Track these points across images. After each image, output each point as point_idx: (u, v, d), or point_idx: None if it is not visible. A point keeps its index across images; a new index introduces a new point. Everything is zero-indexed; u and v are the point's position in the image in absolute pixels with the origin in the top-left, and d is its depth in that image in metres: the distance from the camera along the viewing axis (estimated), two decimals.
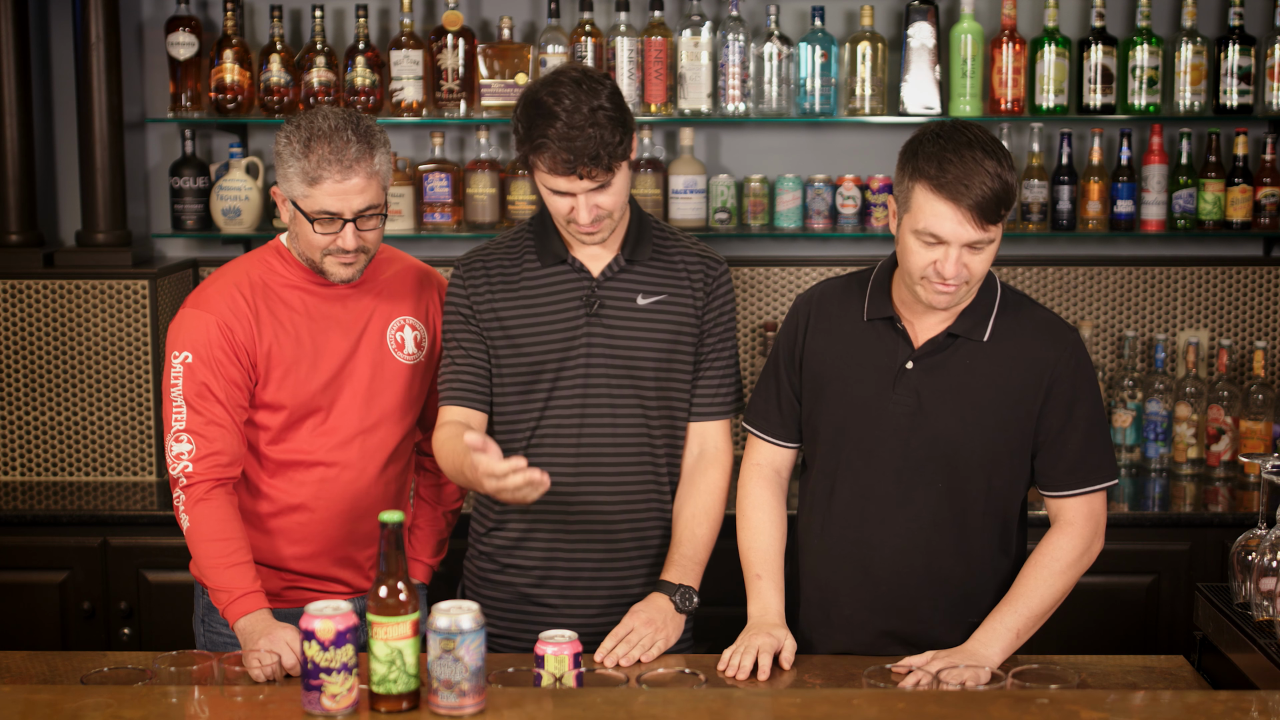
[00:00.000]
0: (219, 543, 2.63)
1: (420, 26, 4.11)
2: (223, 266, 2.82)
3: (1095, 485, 2.58)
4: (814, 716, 2.11)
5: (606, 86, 2.59)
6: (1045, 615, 2.55)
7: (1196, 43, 4.00)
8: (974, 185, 2.39)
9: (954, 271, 2.44)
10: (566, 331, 2.69)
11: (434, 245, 4.17)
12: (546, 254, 2.72)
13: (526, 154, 2.60)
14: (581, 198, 2.59)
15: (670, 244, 2.78)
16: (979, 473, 2.56)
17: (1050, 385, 2.54)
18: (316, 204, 2.64)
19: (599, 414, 2.70)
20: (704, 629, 2.88)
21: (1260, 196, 4.03)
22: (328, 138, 2.63)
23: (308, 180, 2.63)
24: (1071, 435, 2.56)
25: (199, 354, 2.69)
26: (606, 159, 2.55)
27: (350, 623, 2.09)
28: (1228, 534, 3.54)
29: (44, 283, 3.89)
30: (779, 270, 4.15)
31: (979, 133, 2.46)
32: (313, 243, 2.69)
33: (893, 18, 4.13)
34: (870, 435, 2.59)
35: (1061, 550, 2.56)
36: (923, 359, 2.56)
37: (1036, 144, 4.06)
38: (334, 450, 2.77)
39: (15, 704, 2.15)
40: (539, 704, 2.14)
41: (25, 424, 3.93)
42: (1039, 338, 2.57)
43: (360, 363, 2.79)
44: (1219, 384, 3.97)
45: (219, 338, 2.69)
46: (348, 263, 2.71)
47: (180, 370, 2.69)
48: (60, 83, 4.13)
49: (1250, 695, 2.22)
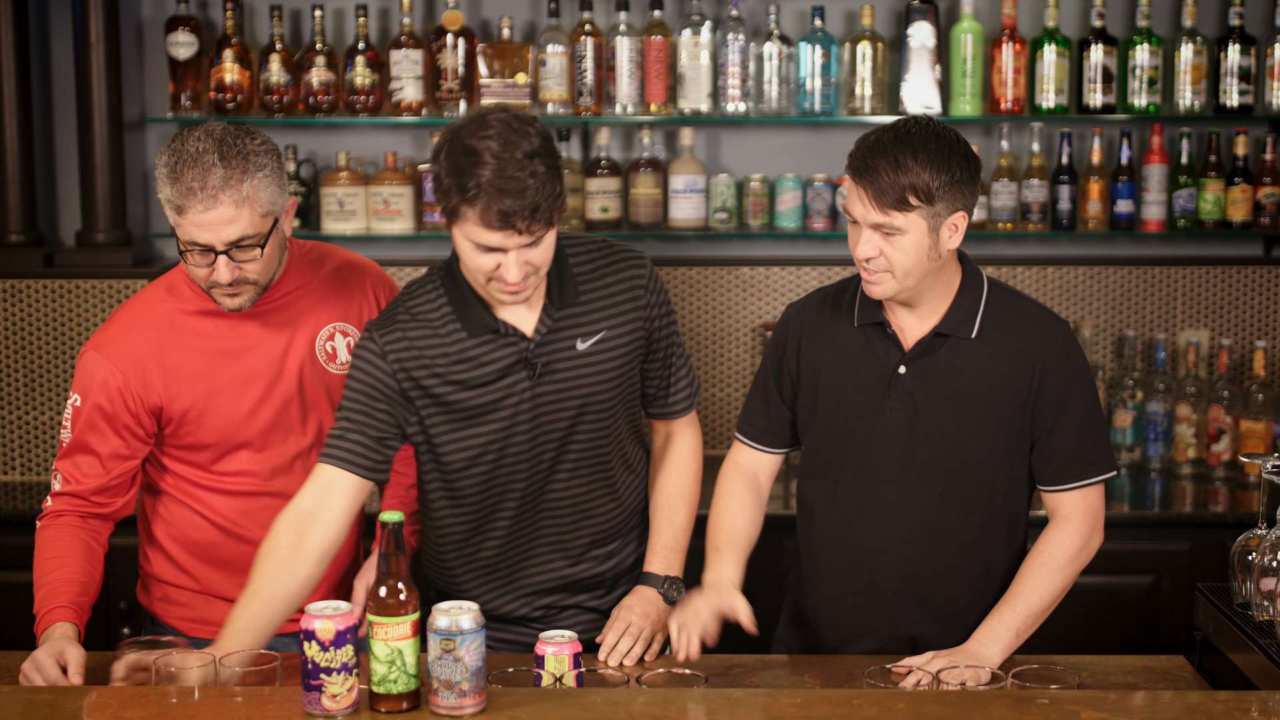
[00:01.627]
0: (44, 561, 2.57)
1: (420, 26, 4.11)
2: (133, 298, 2.66)
3: (1091, 479, 2.57)
4: (814, 716, 2.10)
5: (536, 129, 2.33)
6: (1045, 613, 2.54)
7: (1197, 42, 4.00)
8: (878, 169, 2.42)
9: (865, 253, 2.46)
10: (513, 401, 2.50)
11: (434, 245, 4.17)
12: (472, 323, 2.46)
13: (456, 204, 2.31)
14: (513, 254, 2.32)
15: (591, 268, 2.55)
16: (978, 472, 2.56)
17: (1042, 379, 2.53)
18: (186, 234, 2.45)
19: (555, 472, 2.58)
20: None
21: (1260, 196, 4.03)
22: (193, 162, 2.41)
23: (174, 209, 2.44)
24: (1066, 429, 2.55)
25: (90, 399, 2.55)
26: (547, 212, 2.30)
27: (350, 623, 2.08)
28: (1228, 534, 3.54)
29: (44, 283, 3.89)
30: (779, 270, 4.15)
31: (925, 127, 2.45)
32: (195, 275, 2.51)
33: (893, 17, 4.13)
34: (868, 442, 2.58)
35: (1059, 547, 2.54)
36: (914, 361, 2.55)
37: (1036, 144, 4.06)
38: (275, 477, 2.63)
39: (15, 704, 2.15)
40: (539, 704, 2.14)
41: (25, 424, 3.93)
42: (1028, 332, 2.56)
43: (288, 382, 2.61)
44: (1219, 384, 3.97)
45: (115, 390, 2.54)
46: (233, 294, 2.51)
47: (69, 412, 2.59)
48: (60, 83, 4.13)
49: (1250, 695, 2.22)
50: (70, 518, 2.59)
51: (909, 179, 2.40)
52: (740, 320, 4.16)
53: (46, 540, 2.60)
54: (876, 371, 2.57)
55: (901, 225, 2.43)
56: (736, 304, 4.16)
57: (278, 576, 2.40)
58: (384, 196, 4.04)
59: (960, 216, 2.46)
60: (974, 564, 2.59)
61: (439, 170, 2.34)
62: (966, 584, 2.59)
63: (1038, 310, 2.60)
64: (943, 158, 2.42)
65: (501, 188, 2.27)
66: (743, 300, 4.16)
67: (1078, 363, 2.56)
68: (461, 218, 2.32)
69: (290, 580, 2.41)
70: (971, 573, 2.59)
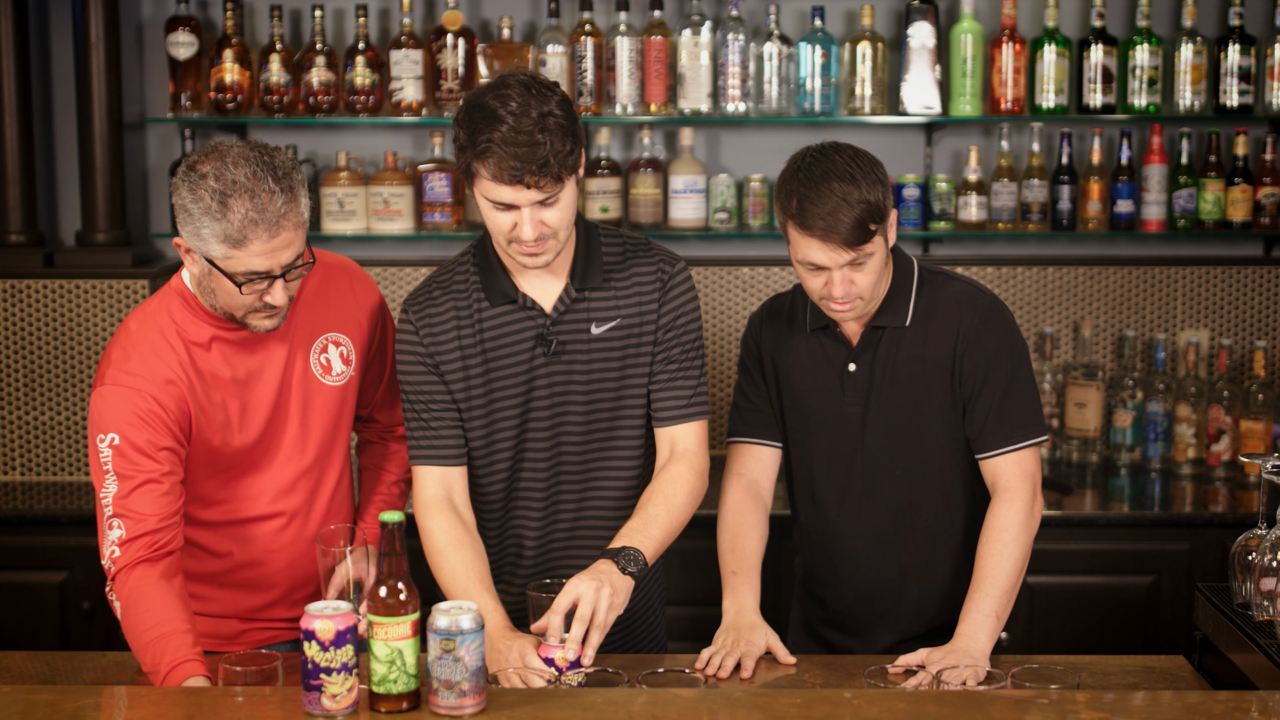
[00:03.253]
0: (138, 617, 2.37)
1: (420, 26, 4.11)
2: (131, 328, 2.52)
3: (1020, 443, 2.59)
4: (814, 716, 2.11)
5: (556, 94, 2.40)
6: (1015, 588, 2.57)
7: (1196, 42, 4.00)
8: (835, 219, 2.44)
9: (842, 291, 2.50)
10: (526, 373, 2.56)
11: (434, 245, 4.17)
12: (494, 293, 2.55)
13: (469, 161, 2.39)
14: (526, 211, 2.39)
15: (622, 258, 2.60)
16: (926, 452, 2.64)
17: (964, 351, 2.59)
18: (242, 265, 2.35)
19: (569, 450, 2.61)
20: (703, 629, 2.88)
21: (1260, 196, 4.03)
22: (249, 191, 2.31)
23: (230, 242, 2.33)
24: (990, 395, 2.59)
25: (128, 437, 2.41)
26: (556, 168, 2.36)
27: (350, 623, 2.08)
28: (1228, 534, 3.55)
29: (44, 283, 3.89)
30: (779, 270, 4.15)
31: (837, 158, 2.48)
32: (236, 303, 2.42)
33: (893, 18, 4.13)
34: (833, 439, 2.67)
35: (1008, 519, 2.57)
36: (859, 357, 2.64)
37: (1036, 144, 4.06)
38: (278, 500, 2.61)
39: (15, 704, 2.15)
40: (539, 704, 2.14)
41: (25, 424, 3.93)
42: (951, 310, 2.61)
43: (291, 402, 2.58)
44: (1219, 384, 3.97)
45: (152, 417, 2.43)
46: (273, 315, 2.45)
47: (109, 454, 2.41)
48: (60, 83, 4.13)
49: (1250, 695, 2.22)
50: (144, 566, 2.41)
51: (865, 213, 2.45)
52: (740, 320, 4.16)
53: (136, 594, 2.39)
54: (831, 371, 2.66)
55: (870, 249, 2.50)
56: (736, 304, 4.16)
57: (475, 559, 2.52)
58: (384, 196, 4.04)
59: (892, 213, 2.53)
60: (943, 540, 2.68)
61: (458, 131, 2.41)
62: (940, 560, 2.68)
63: (962, 288, 2.65)
64: (868, 169, 2.49)
65: (512, 140, 2.34)
66: (743, 300, 4.16)
67: (1000, 332, 2.60)
68: (477, 175, 2.40)
69: (483, 555, 2.55)
70: (943, 550, 2.68)
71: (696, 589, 2.74)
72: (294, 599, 2.68)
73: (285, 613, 2.68)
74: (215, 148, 2.38)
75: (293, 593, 2.68)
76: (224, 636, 2.65)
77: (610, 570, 2.44)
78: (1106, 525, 3.64)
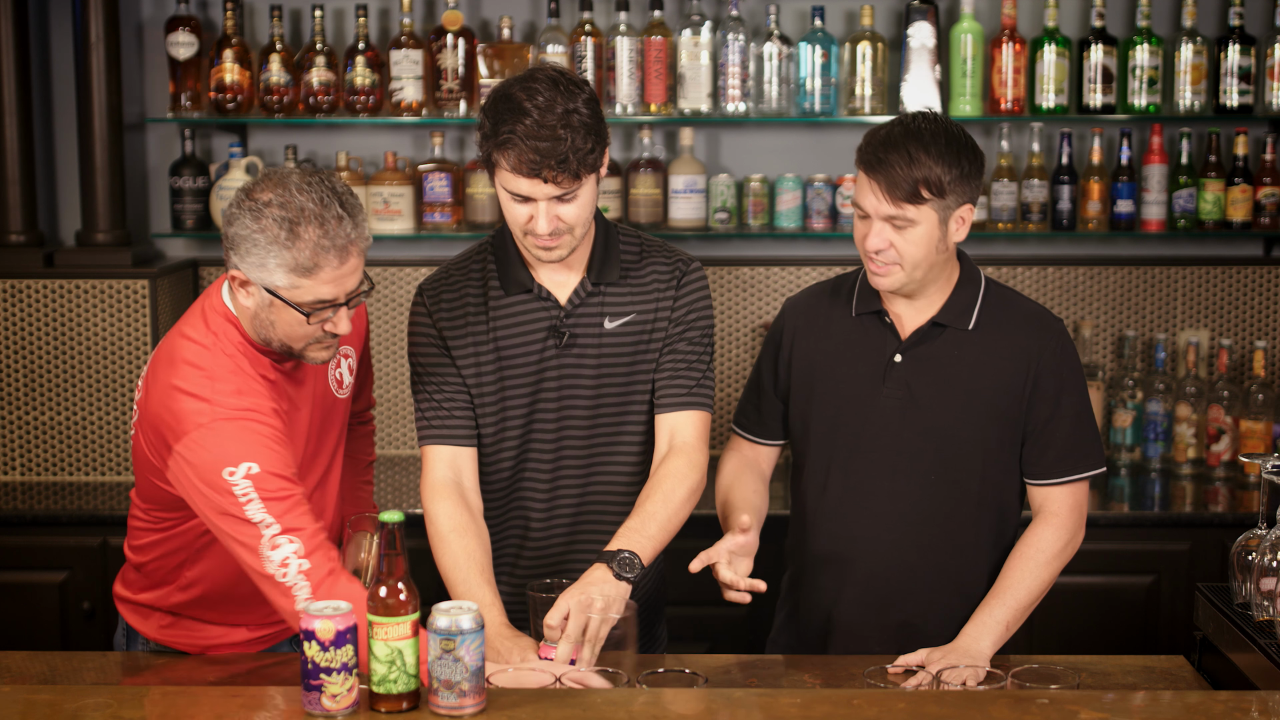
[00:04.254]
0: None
1: (420, 26, 4.11)
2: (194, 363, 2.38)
3: (1081, 474, 2.61)
4: (814, 716, 2.11)
5: (584, 91, 2.42)
6: (1031, 607, 2.57)
7: (1196, 42, 4.00)
8: (890, 162, 2.46)
9: (876, 245, 2.50)
10: (537, 363, 2.58)
11: (434, 245, 4.17)
12: (510, 282, 2.57)
13: (490, 151, 2.41)
14: (542, 205, 2.41)
15: (640, 257, 2.62)
16: (971, 463, 2.59)
17: (1038, 375, 2.58)
18: (310, 294, 2.29)
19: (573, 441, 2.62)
20: (703, 629, 2.88)
21: (1260, 196, 4.03)
22: (317, 218, 2.25)
23: (300, 271, 2.26)
24: (1059, 424, 2.59)
25: (263, 462, 2.29)
26: (575, 165, 2.38)
27: (350, 623, 2.08)
28: (1228, 534, 3.54)
29: (44, 283, 3.89)
30: (779, 270, 4.15)
31: (934, 122, 2.50)
32: (297, 334, 2.35)
33: (893, 17, 4.13)
34: (862, 430, 2.61)
35: (1046, 541, 2.58)
36: (910, 350, 2.60)
37: (1036, 144, 4.06)
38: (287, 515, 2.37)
39: (15, 704, 2.15)
40: (539, 704, 2.14)
41: (25, 424, 3.93)
42: (1025, 328, 2.60)
43: (321, 426, 2.55)
44: (1219, 384, 3.97)
45: (270, 435, 2.33)
46: (332, 345, 2.40)
47: (247, 484, 2.27)
48: (60, 83, 4.13)
49: (1250, 695, 2.22)
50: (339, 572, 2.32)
51: (922, 172, 2.45)
52: (740, 320, 4.16)
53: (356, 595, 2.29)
54: (873, 360, 2.61)
55: (914, 218, 2.48)
56: (736, 304, 4.16)
57: (477, 549, 2.51)
58: (384, 196, 4.04)
59: (968, 209, 2.52)
60: (963, 554, 2.62)
61: (483, 120, 2.43)
62: (955, 573, 2.62)
63: (1034, 308, 2.65)
64: (953, 152, 2.48)
65: (533, 135, 2.36)
66: (743, 300, 4.16)
67: (1072, 360, 2.61)
68: (497, 165, 2.42)
69: (486, 544, 2.54)
70: (960, 562, 2.62)
71: (697, 589, 2.73)
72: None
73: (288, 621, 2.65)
74: (271, 175, 2.31)
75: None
76: (235, 642, 2.65)
77: (604, 579, 2.41)
78: (1106, 525, 3.64)
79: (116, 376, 3.90)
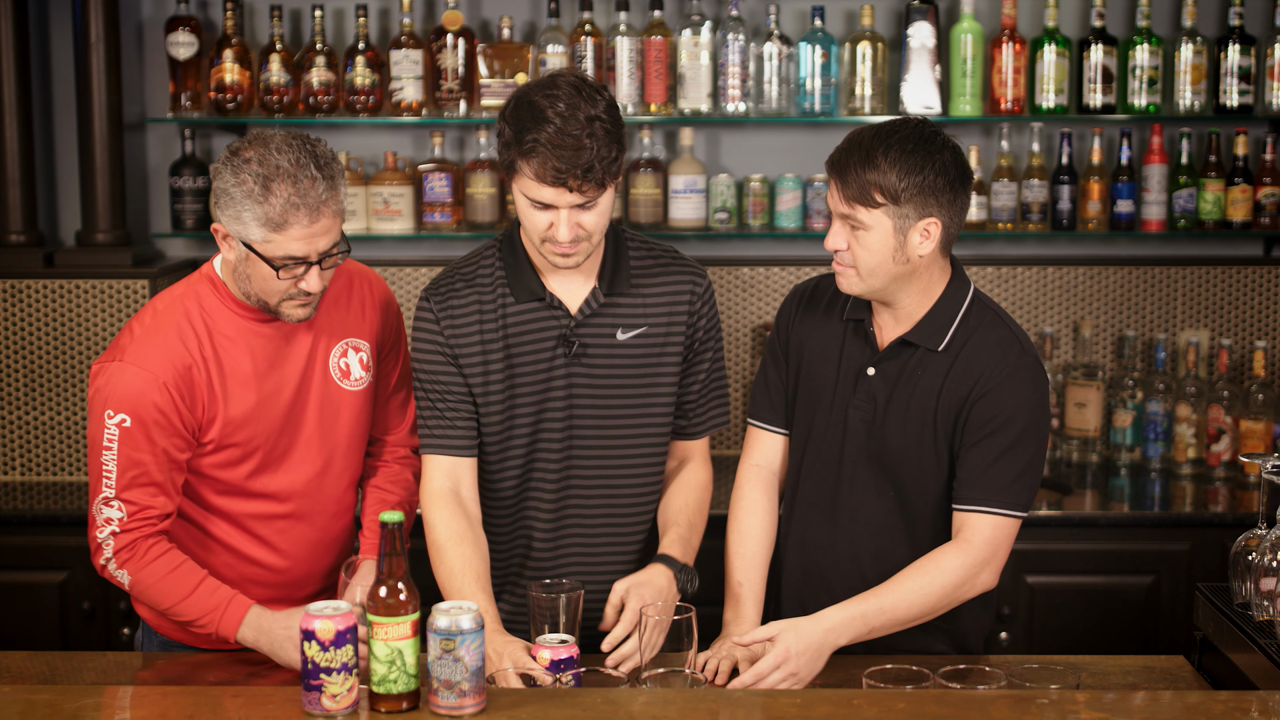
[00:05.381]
0: (168, 580, 2.47)
1: (420, 26, 4.11)
2: (157, 308, 2.54)
3: (995, 509, 2.46)
4: (814, 716, 2.11)
5: (604, 97, 2.42)
6: (898, 624, 2.46)
7: (1196, 42, 4.00)
8: (848, 162, 2.44)
9: (833, 244, 2.49)
10: (546, 372, 2.57)
11: (434, 245, 4.17)
12: (521, 290, 2.55)
13: (513, 158, 2.40)
14: (564, 213, 2.41)
15: (651, 266, 2.62)
16: (925, 486, 2.53)
17: (979, 396, 2.47)
18: (280, 249, 2.40)
19: (582, 454, 2.62)
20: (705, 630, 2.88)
21: (1260, 196, 4.03)
22: (291, 176, 2.37)
23: (271, 225, 2.38)
24: (986, 450, 2.46)
25: (140, 418, 2.44)
26: (600, 173, 2.38)
27: (350, 623, 2.09)
28: (1228, 534, 3.55)
29: (44, 283, 3.89)
30: (779, 270, 4.15)
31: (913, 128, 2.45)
32: (271, 288, 2.45)
33: (893, 17, 4.13)
34: (830, 439, 2.59)
35: (949, 564, 2.45)
36: (881, 364, 2.55)
37: (1036, 144, 4.06)
38: (291, 498, 2.62)
39: (15, 704, 2.15)
40: (539, 704, 2.14)
41: (25, 424, 3.93)
42: (985, 352, 2.50)
43: (310, 402, 2.60)
44: (1219, 384, 3.97)
45: (166, 403, 2.45)
46: (306, 304, 2.49)
47: (116, 433, 2.44)
48: (60, 83, 4.13)
49: (1250, 695, 2.22)
50: (153, 539, 2.48)
51: (875, 176, 2.41)
52: (740, 320, 4.16)
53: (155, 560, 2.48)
54: (849, 368, 2.58)
55: (865, 221, 2.44)
56: (736, 304, 4.16)
57: (474, 556, 2.53)
58: (384, 196, 4.04)
59: (932, 223, 2.43)
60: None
61: (504, 126, 2.42)
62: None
63: (1007, 335, 2.52)
64: (917, 160, 2.41)
65: (558, 144, 2.36)
66: (743, 300, 4.16)
67: (1024, 395, 2.47)
68: (519, 172, 2.41)
69: (483, 552, 2.56)
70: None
71: (698, 589, 2.73)
72: (298, 596, 2.68)
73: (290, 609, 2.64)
74: (259, 135, 2.42)
75: (294, 590, 2.68)
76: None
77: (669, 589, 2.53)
78: (1106, 525, 3.64)
79: None
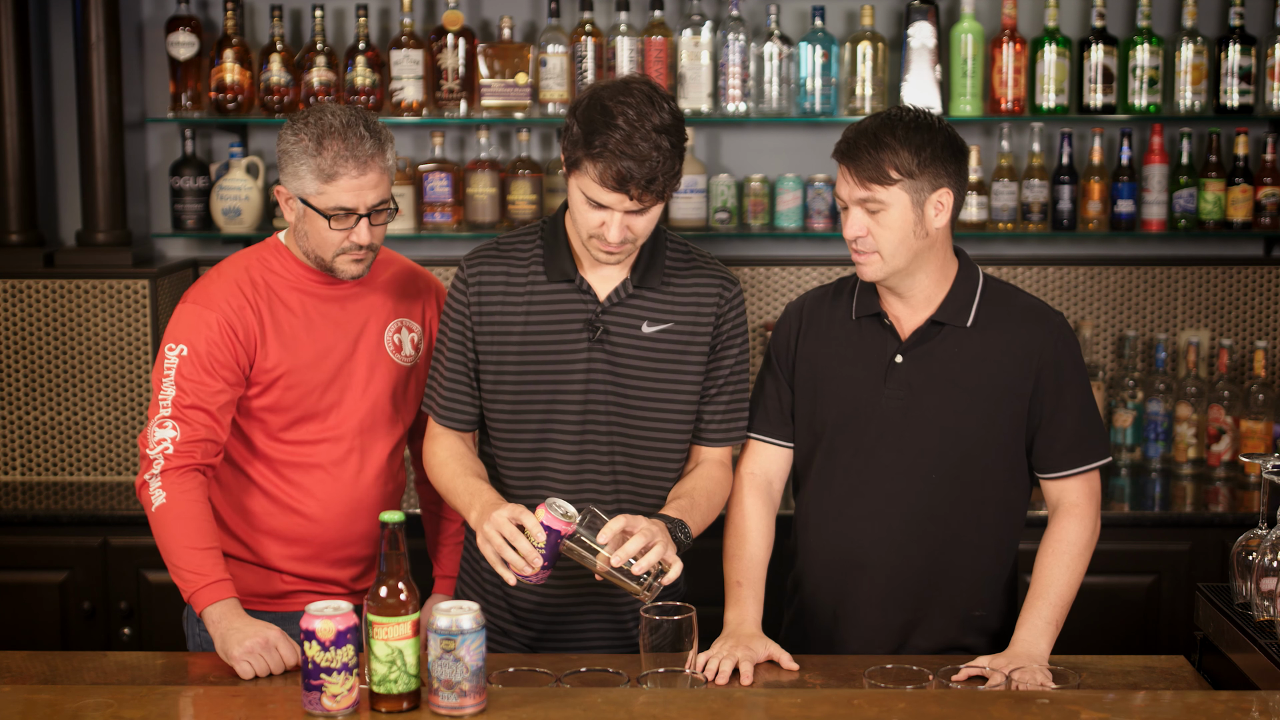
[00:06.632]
0: (191, 522, 2.58)
1: (420, 26, 4.11)
2: (221, 264, 2.78)
3: (1093, 463, 2.62)
4: (814, 716, 2.11)
5: (672, 109, 2.47)
6: (1070, 603, 2.58)
7: (1197, 42, 4.00)
8: (860, 146, 2.51)
9: (853, 232, 2.53)
10: (568, 354, 2.59)
11: (434, 245, 4.17)
12: (554, 270, 2.60)
13: (579, 157, 2.45)
14: (618, 215, 2.46)
15: (685, 267, 2.65)
16: (975, 461, 2.59)
17: (1039, 369, 2.58)
18: (332, 200, 2.63)
19: (596, 442, 2.62)
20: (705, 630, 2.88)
21: (1261, 196, 4.03)
22: (341, 134, 2.62)
23: (323, 177, 2.62)
24: (1066, 416, 2.59)
25: (196, 349, 2.66)
26: (661, 185, 2.44)
27: (350, 623, 2.09)
28: (1228, 534, 3.54)
29: (44, 283, 3.89)
30: (779, 270, 4.15)
31: (908, 111, 2.54)
32: (326, 240, 2.67)
33: (893, 18, 4.13)
34: (864, 431, 2.61)
35: (1073, 534, 2.59)
36: (910, 350, 2.60)
37: (1037, 144, 4.06)
38: (333, 452, 2.75)
39: (15, 704, 2.15)
40: (539, 704, 2.14)
41: (25, 424, 3.93)
42: (1024, 323, 2.61)
43: (359, 364, 2.77)
44: (1219, 384, 3.97)
45: (220, 337, 2.66)
46: (359, 259, 2.70)
47: (175, 362, 2.66)
48: (60, 83, 4.13)
49: (1251, 695, 2.22)
50: (195, 474, 2.63)
51: (887, 153, 2.49)
52: None
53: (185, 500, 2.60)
54: (874, 362, 2.61)
55: (884, 199, 2.50)
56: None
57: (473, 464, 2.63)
58: None
59: (945, 193, 2.52)
60: (969, 552, 2.62)
61: (572, 122, 2.47)
62: (961, 572, 2.62)
63: (1032, 301, 2.66)
64: (923, 136, 2.51)
65: (626, 152, 2.40)
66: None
67: (1073, 352, 2.62)
68: (581, 170, 2.46)
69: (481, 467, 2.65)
70: (966, 561, 2.62)
71: (698, 589, 2.73)
72: (332, 558, 2.78)
73: (325, 571, 2.79)
74: (317, 105, 2.70)
75: (328, 551, 2.77)
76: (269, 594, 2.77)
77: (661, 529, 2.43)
78: (1107, 525, 3.61)
79: (116, 376, 3.90)
